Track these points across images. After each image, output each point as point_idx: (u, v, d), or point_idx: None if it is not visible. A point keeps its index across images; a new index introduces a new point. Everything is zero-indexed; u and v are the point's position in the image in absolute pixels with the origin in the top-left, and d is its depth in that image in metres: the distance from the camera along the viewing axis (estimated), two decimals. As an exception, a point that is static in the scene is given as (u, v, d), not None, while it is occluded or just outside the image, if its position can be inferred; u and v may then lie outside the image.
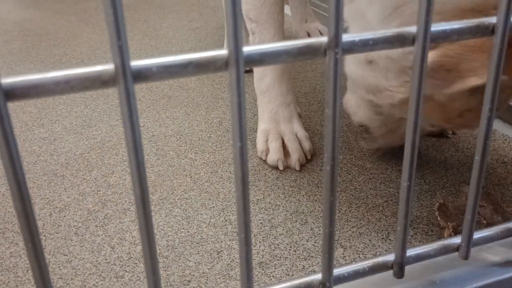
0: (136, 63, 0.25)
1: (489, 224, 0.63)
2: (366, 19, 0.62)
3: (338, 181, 0.80)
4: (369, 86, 0.66)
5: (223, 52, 0.26)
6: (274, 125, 0.86)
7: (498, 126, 0.92)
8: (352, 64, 0.67)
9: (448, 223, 0.66)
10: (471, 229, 0.39)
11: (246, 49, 0.27)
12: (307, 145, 0.84)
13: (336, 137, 0.31)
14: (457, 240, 0.40)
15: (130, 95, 0.25)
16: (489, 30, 0.33)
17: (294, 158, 0.82)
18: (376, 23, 0.61)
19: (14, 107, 1.06)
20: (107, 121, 0.99)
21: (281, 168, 0.82)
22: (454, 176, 0.80)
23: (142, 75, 0.25)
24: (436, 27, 0.31)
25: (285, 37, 0.89)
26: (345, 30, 0.56)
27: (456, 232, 0.64)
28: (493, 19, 0.33)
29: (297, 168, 0.82)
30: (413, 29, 0.31)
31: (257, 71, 0.87)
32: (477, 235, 0.40)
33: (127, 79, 0.24)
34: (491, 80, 0.34)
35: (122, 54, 0.24)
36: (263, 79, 0.86)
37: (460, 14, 0.53)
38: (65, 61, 1.30)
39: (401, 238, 0.37)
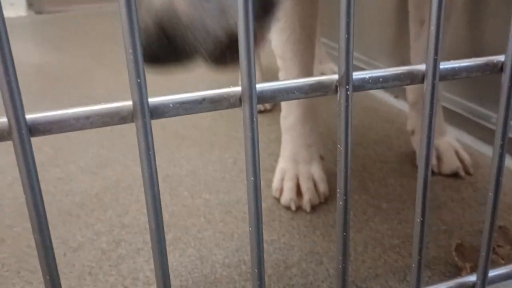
0: (153, 99, 0.26)
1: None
2: None
3: (353, 221, 0.79)
4: None
5: (236, 88, 0.27)
6: (293, 165, 0.86)
7: (514, 165, 0.92)
8: None
9: (466, 263, 0.65)
10: (486, 266, 0.38)
11: (259, 85, 0.28)
12: (322, 187, 0.84)
13: (348, 173, 0.31)
14: (472, 278, 0.40)
15: (148, 130, 0.26)
16: (497, 68, 0.34)
17: (305, 199, 0.82)
18: None
19: (32, 148, 1.07)
20: (122, 161, 1.00)
21: (293, 208, 0.82)
22: (472, 216, 0.79)
23: (159, 111, 0.26)
24: (444, 65, 0.32)
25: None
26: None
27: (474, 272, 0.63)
28: (501, 57, 0.34)
29: (308, 209, 0.81)
30: (422, 67, 0.32)
31: (284, 108, 0.88)
32: (492, 272, 0.40)
33: (145, 114, 0.25)
34: (501, 116, 0.35)
35: (140, 91, 0.25)
36: (287, 117, 0.87)
37: None
38: (82, 103, 1.33)
39: (415, 275, 0.37)
